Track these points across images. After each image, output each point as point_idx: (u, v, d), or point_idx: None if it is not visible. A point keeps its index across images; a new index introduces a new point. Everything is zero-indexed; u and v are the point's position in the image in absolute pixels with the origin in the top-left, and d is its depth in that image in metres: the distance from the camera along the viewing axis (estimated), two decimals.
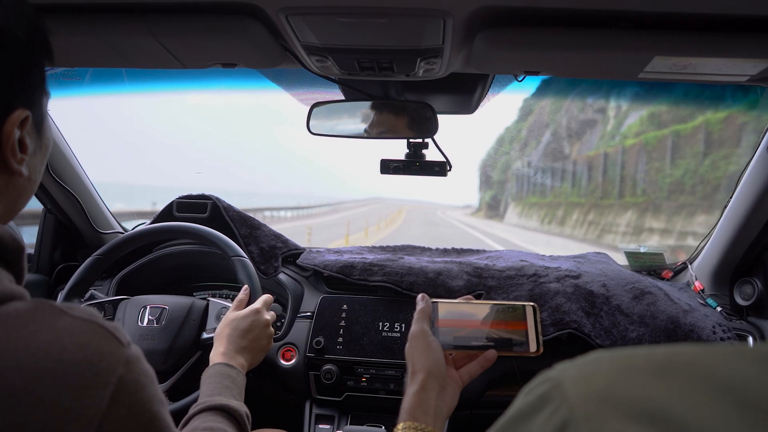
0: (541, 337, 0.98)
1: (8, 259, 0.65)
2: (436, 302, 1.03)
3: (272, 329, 1.31)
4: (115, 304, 1.49)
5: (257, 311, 1.28)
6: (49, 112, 0.79)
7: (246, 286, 1.39)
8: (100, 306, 1.48)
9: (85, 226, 1.88)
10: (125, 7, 1.00)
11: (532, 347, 0.98)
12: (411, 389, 0.89)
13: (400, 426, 0.85)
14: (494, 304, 1.03)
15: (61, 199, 1.77)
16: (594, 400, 0.39)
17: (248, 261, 1.46)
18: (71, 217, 1.83)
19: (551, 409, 0.40)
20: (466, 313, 1.02)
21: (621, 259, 1.99)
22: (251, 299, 1.36)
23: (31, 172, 0.72)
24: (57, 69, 1.33)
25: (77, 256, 1.90)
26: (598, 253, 2.01)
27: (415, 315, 0.99)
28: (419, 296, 1.02)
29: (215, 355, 1.19)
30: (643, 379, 0.39)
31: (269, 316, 1.31)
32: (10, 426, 0.54)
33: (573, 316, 1.53)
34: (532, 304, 1.02)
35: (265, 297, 1.34)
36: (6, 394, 0.54)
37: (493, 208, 38.40)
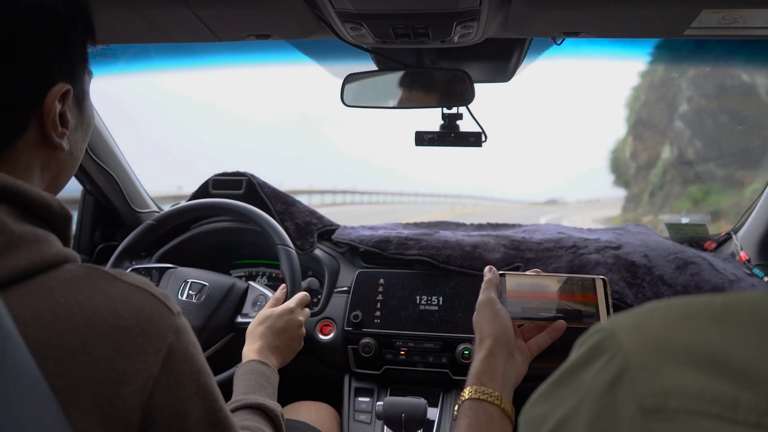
0: (612, 310, 0.96)
1: (57, 226, 0.67)
2: (504, 274, 1.01)
3: (304, 330, 1.31)
4: (162, 272, 1.51)
5: (291, 310, 1.28)
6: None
7: (283, 285, 1.39)
8: (147, 271, 1.51)
9: (123, 206, 1.90)
10: None
11: (603, 320, 0.94)
12: (478, 355, 0.89)
13: (466, 390, 0.85)
14: (563, 276, 1.01)
15: (100, 179, 1.79)
16: (650, 348, 0.37)
17: (294, 252, 1.46)
18: (110, 197, 1.86)
19: (605, 359, 0.39)
20: (535, 285, 1.00)
21: (662, 233, 1.94)
22: (289, 294, 1.37)
23: (72, 148, 0.74)
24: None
25: (116, 236, 1.93)
26: (637, 225, 1.97)
27: (483, 285, 0.98)
28: (486, 268, 1.01)
29: (249, 352, 1.19)
30: (700, 325, 0.37)
31: (302, 316, 1.31)
32: (69, 385, 0.55)
33: (615, 287, 1.50)
34: (602, 277, 0.99)
35: (301, 295, 1.34)
36: (65, 355, 0.56)
37: None
